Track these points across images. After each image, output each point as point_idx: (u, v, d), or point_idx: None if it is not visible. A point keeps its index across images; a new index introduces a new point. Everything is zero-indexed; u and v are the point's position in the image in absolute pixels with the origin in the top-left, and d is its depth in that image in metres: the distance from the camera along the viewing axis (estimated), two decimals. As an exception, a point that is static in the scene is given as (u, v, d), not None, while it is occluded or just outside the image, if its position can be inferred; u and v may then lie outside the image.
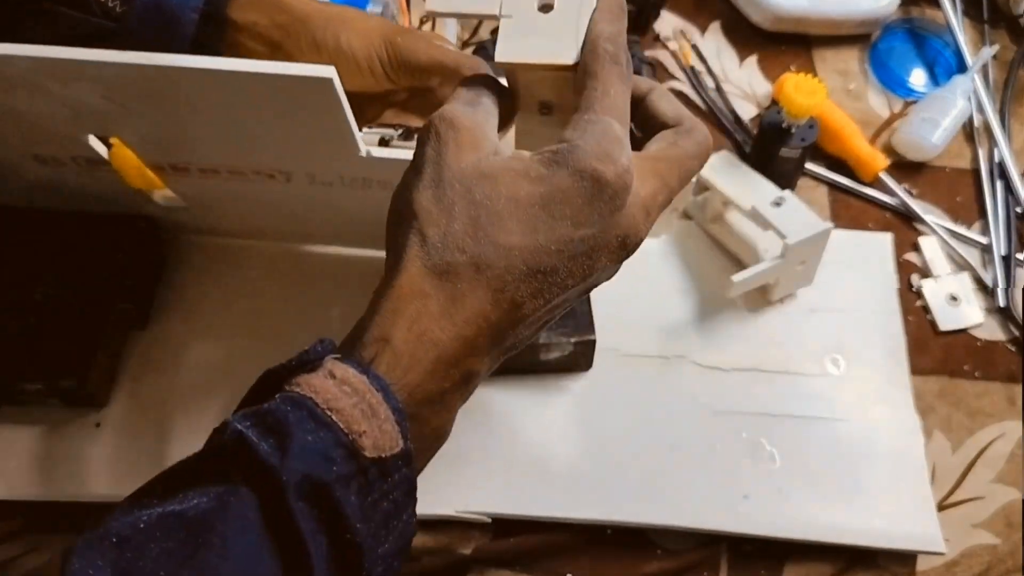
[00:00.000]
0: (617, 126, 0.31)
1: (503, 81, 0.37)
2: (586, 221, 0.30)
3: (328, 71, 0.38)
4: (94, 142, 0.47)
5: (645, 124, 0.36)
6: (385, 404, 0.28)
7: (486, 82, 0.36)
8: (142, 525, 0.26)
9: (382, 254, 0.33)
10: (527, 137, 0.40)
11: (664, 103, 0.36)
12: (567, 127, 0.32)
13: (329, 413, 0.28)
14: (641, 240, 0.33)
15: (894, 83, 0.72)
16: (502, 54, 0.34)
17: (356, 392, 0.28)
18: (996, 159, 0.67)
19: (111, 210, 0.55)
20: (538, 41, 0.34)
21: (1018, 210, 0.65)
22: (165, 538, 0.26)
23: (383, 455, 0.28)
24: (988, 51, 0.69)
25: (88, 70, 0.38)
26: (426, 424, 0.30)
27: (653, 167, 0.33)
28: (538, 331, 0.34)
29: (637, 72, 0.63)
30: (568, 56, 0.33)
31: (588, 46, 0.33)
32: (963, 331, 0.60)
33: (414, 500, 0.30)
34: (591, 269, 0.31)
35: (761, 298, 0.59)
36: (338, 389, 0.28)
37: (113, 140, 0.48)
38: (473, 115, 0.33)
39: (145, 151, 0.47)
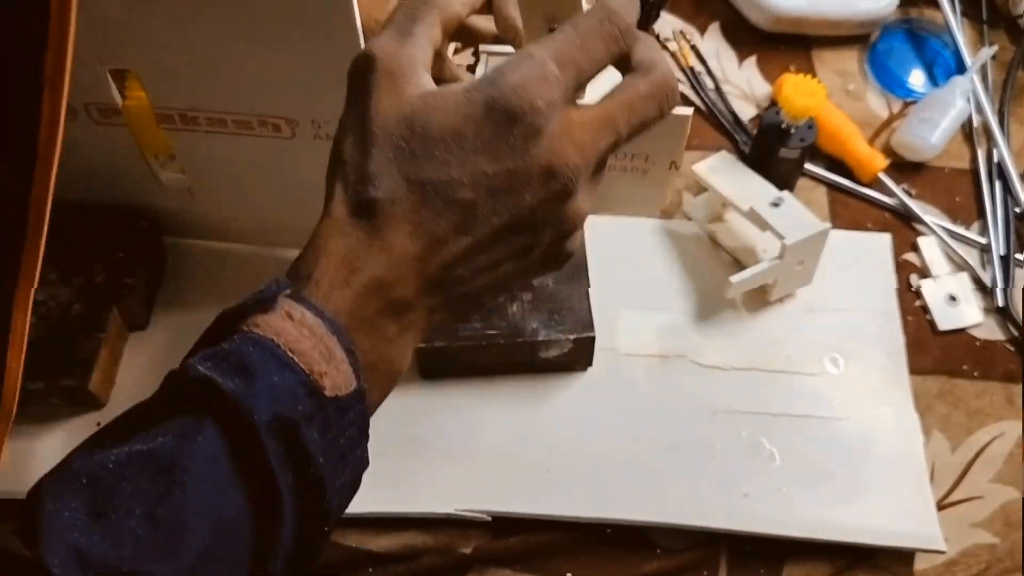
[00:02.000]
0: (552, 65, 0.31)
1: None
2: (499, 154, 0.30)
3: None
4: (111, 85, 0.48)
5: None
6: (339, 346, 0.30)
7: (427, 6, 0.34)
8: (111, 465, 0.27)
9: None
10: None
11: (639, 49, 0.34)
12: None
13: (291, 355, 0.29)
14: (572, 171, 0.31)
15: (893, 84, 0.72)
16: None
17: (314, 335, 0.29)
18: (995, 159, 0.67)
19: (114, 199, 0.55)
20: None
21: (1017, 210, 0.65)
22: (137, 476, 0.27)
23: (340, 394, 0.29)
24: (987, 52, 0.69)
25: None
26: (366, 354, 0.31)
27: (600, 107, 0.33)
28: (491, 277, 0.33)
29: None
30: None
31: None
32: (962, 331, 0.60)
33: (367, 437, 0.32)
34: (517, 204, 0.31)
35: (760, 298, 0.59)
36: (297, 331, 0.29)
37: (128, 92, 0.49)
38: (400, 49, 0.32)
39: (157, 89, 0.47)
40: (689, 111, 0.44)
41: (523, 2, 0.37)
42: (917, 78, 0.73)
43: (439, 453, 0.53)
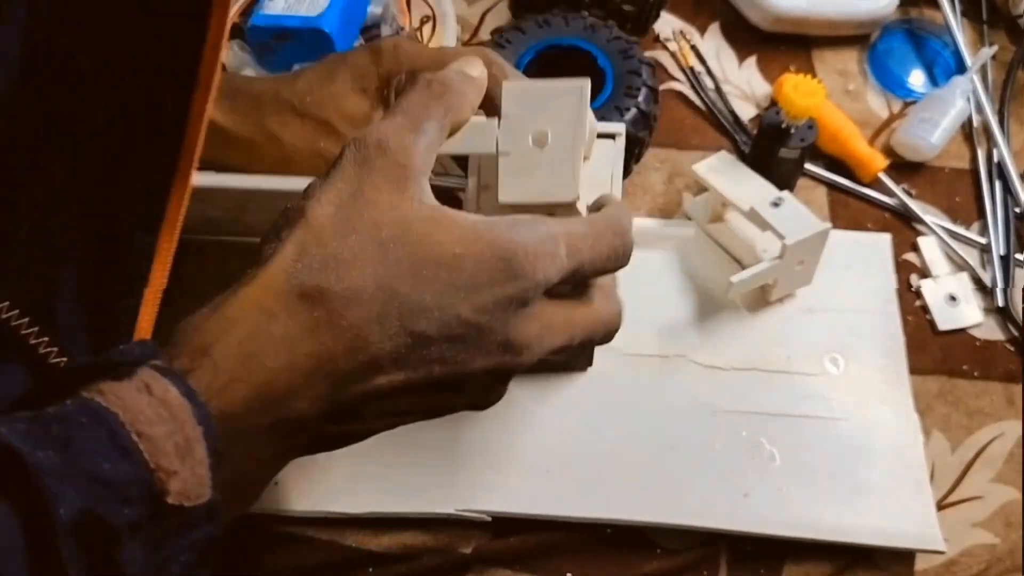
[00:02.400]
0: (563, 250, 0.30)
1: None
2: (482, 304, 0.28)
3: None
4: None
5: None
6: (203, 442, 0.24)
7: (443, 101, 0.31)
8: None
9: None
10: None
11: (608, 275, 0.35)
12: (526, 215, 0.31)
13: (136, 439, 0.23)
14: (528, 355, 0.30)
15: (893, 84, 0.72)
16: (506, 195, 0.34)
17: (174, 418, 0.23)
18: (995, 159, 0.67)
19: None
20: (538, 178, 0.34)
21: (1017, 210, 0.65)
22: None
23: (186, 504, 0.23)
24: (987, 52, 0.69)
25: None
26: (233, 471, 0.25)
27: (567, 314, 0.32)
28: (392, 422, 0.30)
29: (636, 73, 0.64)
30: (569, 194, 0.34)
31: (611, 207, 0.34)
32: (962, 331, 0.60)
33: (209, 570, 0.25)
34: (464, 362, 0.28)
35: (760, 298, 0.59)
36: (152, 411, 0.23)
37: None
38: (412, 145, 0.29)
39: None
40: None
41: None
42: (917, 78, 0.73)
43: (439, 453, 0.53)
